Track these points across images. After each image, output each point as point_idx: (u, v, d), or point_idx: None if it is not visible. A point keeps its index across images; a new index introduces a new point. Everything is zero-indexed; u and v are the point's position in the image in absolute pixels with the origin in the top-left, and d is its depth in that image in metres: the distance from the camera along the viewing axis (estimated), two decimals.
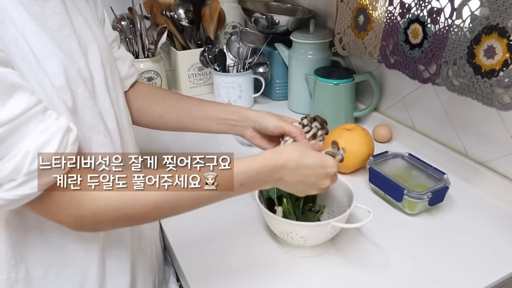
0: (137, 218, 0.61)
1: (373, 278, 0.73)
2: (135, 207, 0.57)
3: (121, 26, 1.38)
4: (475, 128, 0.96)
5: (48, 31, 0.57)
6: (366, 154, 0.99)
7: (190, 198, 0.60)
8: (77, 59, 0.62)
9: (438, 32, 0.93)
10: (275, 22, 1.33)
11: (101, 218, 0.57)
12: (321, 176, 0.67)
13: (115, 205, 0.56)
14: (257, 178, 0.63)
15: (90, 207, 0.56)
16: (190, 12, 1.44)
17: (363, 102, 1.30)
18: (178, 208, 0.61)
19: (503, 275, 0.73)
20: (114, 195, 0.57)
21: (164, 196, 0.58)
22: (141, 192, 0.57)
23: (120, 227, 0.65)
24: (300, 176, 0.65)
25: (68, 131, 0.54)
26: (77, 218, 0.56)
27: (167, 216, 0.64)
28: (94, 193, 0.56)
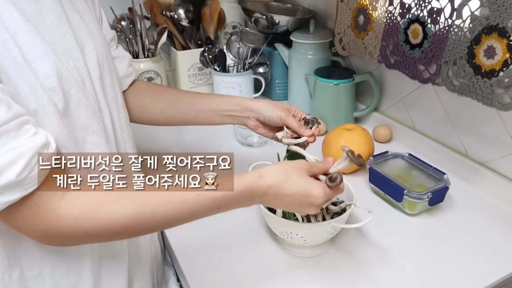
0: (106, 238, 0.59)
1: (373, 278, 0.73)
2: (103, 228, 0.55)
3: (121, 26, 1.38)
4: (475, 128, 0.96)
5: (43, 30, 0.57)
6: (366, 154, 0.99)
7: (163, 221, 0.57)
8: (74, 57, 0.61)
9: (438, 32, 0.93)
10: (275, 22, 1.33)
11: (67, 236, 0.56)
12: (304, 204, 0.62)
13: (82, 225, 0.55)
14: (236, 202, 0.60)
15: (55, 226, 0.54)
16: (190, 12, 1.44)
17: (363, 102, 1.30)
18: (149, 229, 0.61)
19: (503, 275, 0.73)
20: (81, 214, 0.55)
21: (134, 217, 0.56)
22: (110, 212, 0.55)
23: (90, 243, 0.64)
24: (280, 201, 0.62)
25: (42, 149, 0.52)
26: (43, 234, 0.55)
27: (138, 236, 0.65)
28: (61, 211, 0.54)
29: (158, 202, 0.56)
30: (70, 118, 0.60)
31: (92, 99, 0.64)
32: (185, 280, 0.74)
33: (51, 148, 0.54)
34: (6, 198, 0.50)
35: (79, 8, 0.66)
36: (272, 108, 0.82)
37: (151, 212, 0.56)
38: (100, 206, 0.55)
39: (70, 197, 0.55)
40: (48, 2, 0.59)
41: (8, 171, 0.49)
